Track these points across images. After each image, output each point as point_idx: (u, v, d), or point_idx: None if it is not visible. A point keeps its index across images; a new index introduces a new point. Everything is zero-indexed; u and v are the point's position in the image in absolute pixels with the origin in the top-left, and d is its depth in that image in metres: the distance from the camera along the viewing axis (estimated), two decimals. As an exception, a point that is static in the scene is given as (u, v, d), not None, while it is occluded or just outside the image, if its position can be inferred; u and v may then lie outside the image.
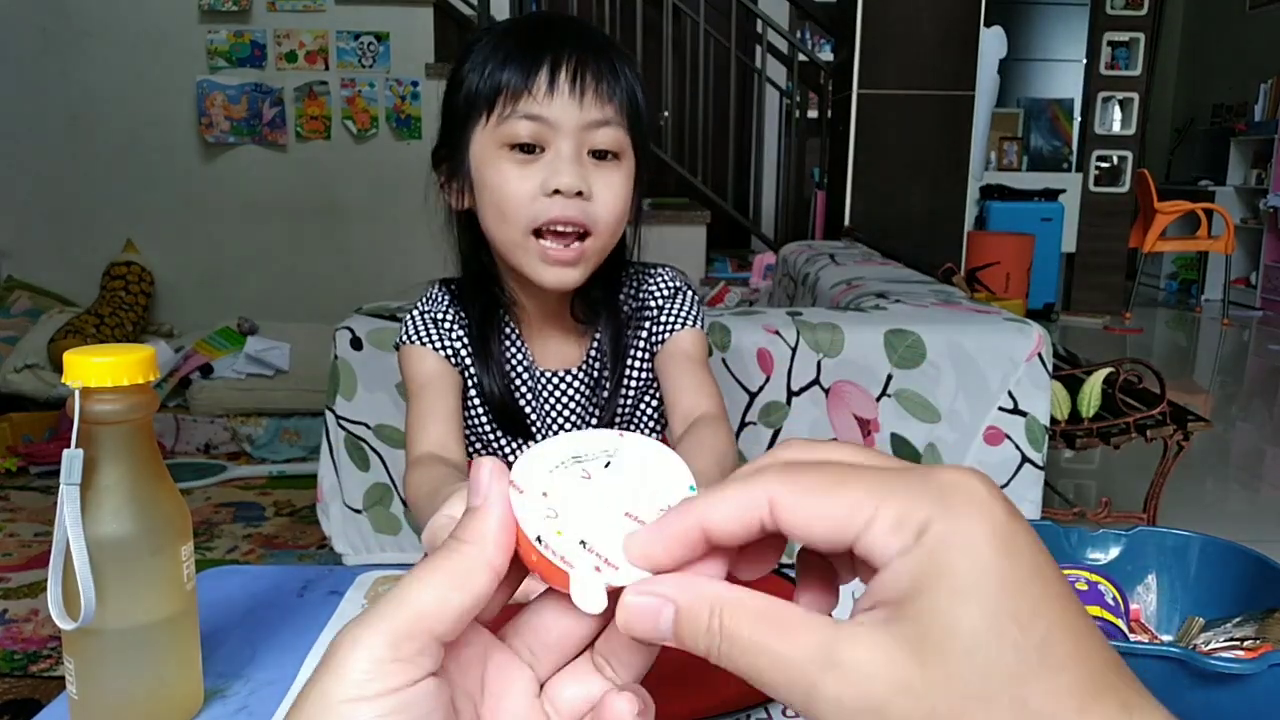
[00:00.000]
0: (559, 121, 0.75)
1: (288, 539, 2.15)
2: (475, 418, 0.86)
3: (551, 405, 0.86)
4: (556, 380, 0.86)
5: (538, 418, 0.86)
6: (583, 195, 0.75)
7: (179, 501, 0.52)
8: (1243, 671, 0.49)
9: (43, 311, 3.11)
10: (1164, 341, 5.18)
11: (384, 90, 3.25)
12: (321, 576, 0.71)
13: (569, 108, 0.75)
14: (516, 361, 0.86)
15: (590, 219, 0.77)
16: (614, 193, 0.77)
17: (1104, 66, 5.53)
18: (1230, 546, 0.66)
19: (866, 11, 3.30)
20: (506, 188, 0.76)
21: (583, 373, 0.86)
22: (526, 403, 0.85)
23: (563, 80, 0.74)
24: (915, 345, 1.42)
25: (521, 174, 0.75)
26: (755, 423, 1.45)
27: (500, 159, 0.76)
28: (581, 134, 0.76)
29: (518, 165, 0.76)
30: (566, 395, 0.86)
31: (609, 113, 0.76)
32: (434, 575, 0.26)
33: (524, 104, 0.74)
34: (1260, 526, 2.42)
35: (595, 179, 0.76)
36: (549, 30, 0.78)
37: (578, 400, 0.86)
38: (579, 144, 0.76)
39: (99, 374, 0.48)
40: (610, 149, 0.77)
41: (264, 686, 0.57)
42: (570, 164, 0.75)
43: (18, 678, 1.57)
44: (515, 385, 0.85)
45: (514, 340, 0.86)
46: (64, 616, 0.48)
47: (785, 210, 4.39)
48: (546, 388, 0.86)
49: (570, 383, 0.86)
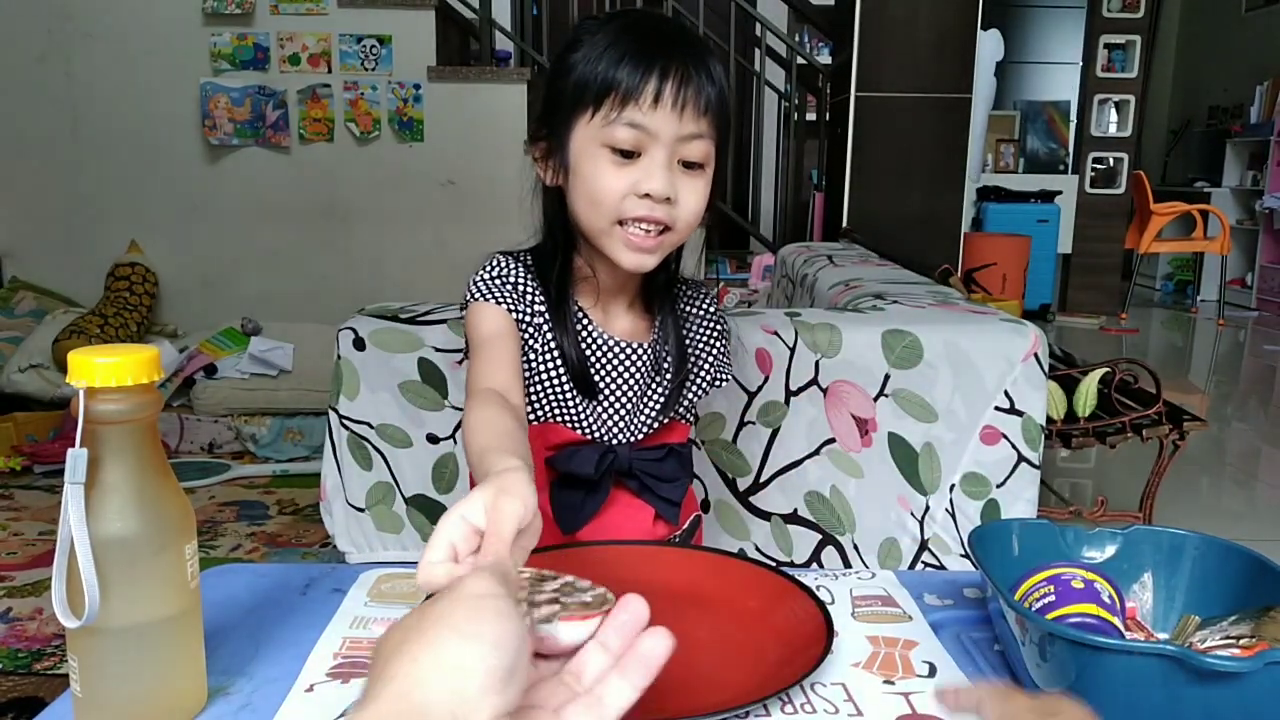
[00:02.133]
0: (658, 131, 0.81)
1: (291, 538, 2.15)
2: (551, 378, 0.90)
3: (619, 371, 0.92)
4: (625, 348, 0.92)
5: (605, 381, 0.91)
6: (670, 200, 0.82)
7: (183, 500, 0.53)
8: (1238, 670, 0.50)
9: (47, 312, 3.12)
10: (1160, 342, 5.18)
11: (386, 93, 3.25)
12: (324, 575, 0.72)
13: (669, 120, 0.81)
14: (583, 328, 0.91)
15: (672, 219, 0.84)
16: (696, 198, 0.84)
17: (1100, 69, 5.53)
18: (1226, 545, 0.67)
19: (864, 15, 3.31)
20: (602, 182, 0.82)
21: (648, 350, 0.93)
22: (597, 366, 0.91)
23: (667, 93, 0.80)
24: (913, 345, 1.43)
25: (617, 173, 0.82)
26: (754, 422, 1.46)
27: (600, 156, 0.82)
28: (676, 144, 0.82)
29: (615, 165, 0.82)
30: (633, 364, 0.92)
31: (702, 126, 0.82)
32: None
33: (629, 111, 0.80)
34: (1255, 525, 2.42)
35: (682, 185, 0.83)
36: (660, 38, 0.83)
37: (643, 370, 0.92)
38: (672, 153, 0.82)
39: (103, 374, 0.48)
40: (698, 161, 0.84)
41: (267, 684, 0.57)
42: (663, 171, 0.81)
43: (22, 675, 1.58)
44: (587, 349, 0.91)
45: (580, 314, 0.92)
46: (68, 615, 0.49)
47: (784, 212, 4.39)
48: (614, 353, 0.92)
49: (638, 352, 0.92)
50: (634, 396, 0.92)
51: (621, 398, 0.91)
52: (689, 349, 0.95)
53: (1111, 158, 5.64)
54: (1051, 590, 0.61)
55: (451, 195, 3.30)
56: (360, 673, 0.58)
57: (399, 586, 0.70)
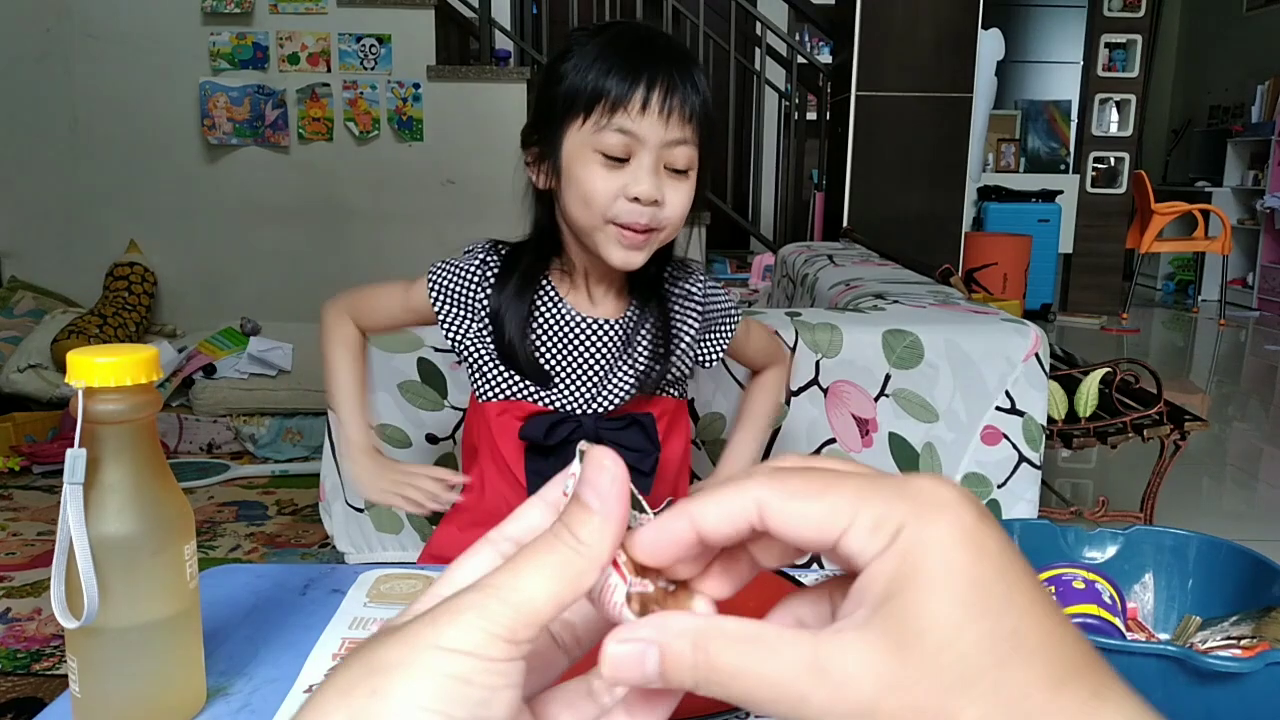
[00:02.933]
0: (646, 137, 0.86)
1: (290, 538, 2.15)
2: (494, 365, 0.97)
3: (584, 346, 0.96)
4: (592, 324, 0.96)
5: (570, 356, 0.96)
6: (657, 203, 0.88)
7: (182, 501, 0.53)
8: (1239, 670, 0.50)
9: (46, 312, 3.12)
10: (1161, 342, 5.18)
11: (385, 92, 3.25)
12: (324, 575, 0.72)
13: (656, 126, 0.86)
14: (545, 312, 0.96)
15: (658, 222, 0.89)
16: (681, 200, 0.90)
17: (1101, 68, 5.53)
18: (1227, 545, 0.66)
19: (865, 14, 3.31)
20: (593, 185, 0.87)
21: (616, 325, 0.97)
22: (549, 341, 0.96)
23: (654, 101, 0.85)
24: (913, 345, 1.43)
25: (607, 177, 0.87)
26: (754, 423, 1.46)
27: (591, 161, 0.87)
28: (662, 150, 0.87)
29: (605, 169, 0.87)
30: (599, 339, 0.96)
31: (687, 133, 0.88)
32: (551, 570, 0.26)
33: (618, 117, 0.86)
34: (1257, 525, 2.42)
35: (668, 188, 0.89)
36: (648, 49, 0.88)
37: (611, 345, 0.96)
38: (659, 159, 0.87)
39: (102, 374, 0.48)
40: (683, 167, 0.89)
41: (266, 685, 0.57)
42: (650, 175, 0.87)
43: (21, 676, 1.58)
44: (535, 333, 0.96)
45: (549, 296, 0.97)
46: (67, 615, 0.49)
47: (784, 211, 4.39)
48: (580, 329, 0.96)
49: (605, 327, 0.96)
50: (602, 370, 0.96)
51: (587, 370, 0.96)
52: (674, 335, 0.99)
53: (1112, 157, 5.64)
54: (1052, 591, 0.61)
55: (451, 195, 3.30)
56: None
57: (398, 587, 0.70)
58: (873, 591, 0.24)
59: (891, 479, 0.26)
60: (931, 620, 0.23)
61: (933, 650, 0.23)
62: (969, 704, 0.23)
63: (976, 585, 0.24)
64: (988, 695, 0.23)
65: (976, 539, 0.24)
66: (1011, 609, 0.24)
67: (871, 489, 0.26)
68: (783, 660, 0.24)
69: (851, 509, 0.25)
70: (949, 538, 0.24)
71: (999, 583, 0.24)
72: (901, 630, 0.23)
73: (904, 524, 0.24)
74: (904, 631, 0.23)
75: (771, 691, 0.24)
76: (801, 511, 0.26)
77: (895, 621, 0.24)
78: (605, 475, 0.27)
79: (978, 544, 0.24)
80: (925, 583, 0.24)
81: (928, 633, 0.23)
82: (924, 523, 0.24)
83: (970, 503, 0.25)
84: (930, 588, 0.24)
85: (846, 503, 0.25)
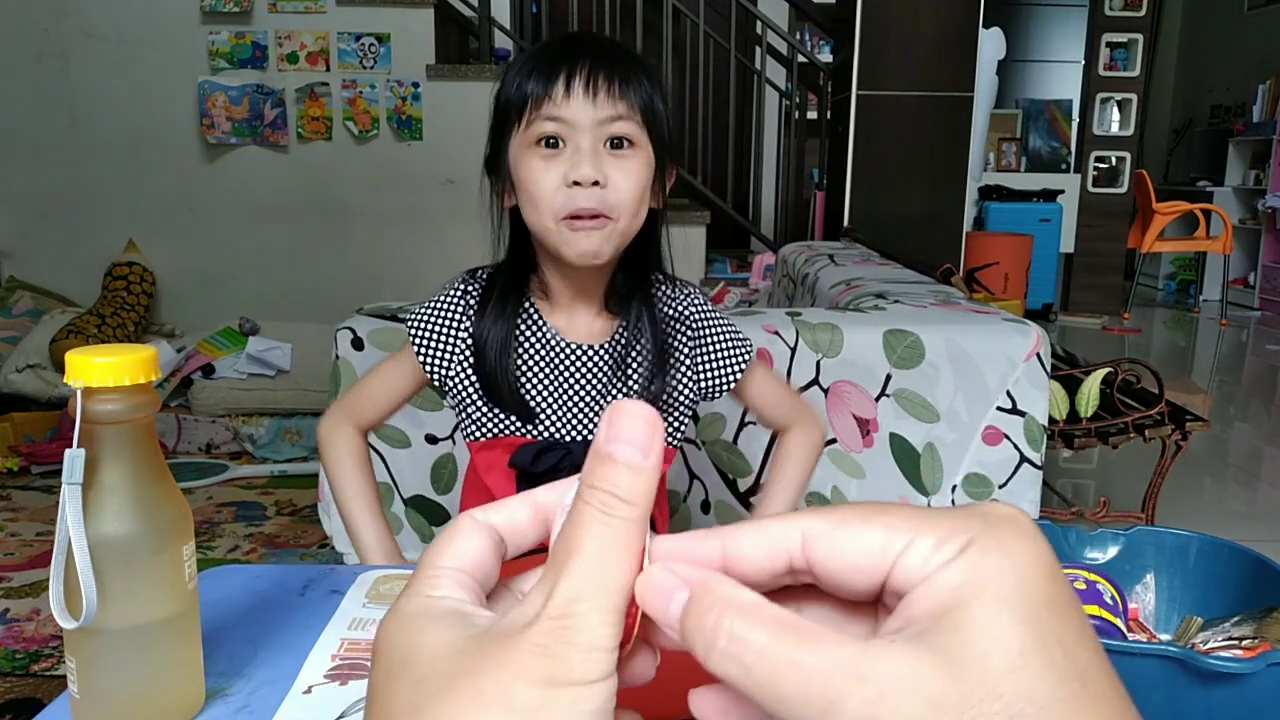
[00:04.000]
0: (576, 120, 0.85)
1: (289, 538, 2.15)
2: (476, 404, 0.94)
3: (571, 374, 0.93)
4: (578, 351, 0.93)
5: (546, 393, 0.93)
6: (600, 185, 0.85)
7: (181, 501, 0.52)
8: (1241, 671, 0.50)
9: (44, 312, 3.12)
10: (1162, 342, 5.18)
11: (385, 91, 3.25)
12: (323, 575, 0.71)
13: (584, 108, 0.85)
14: (530, 336, 0.94)
15: (608, 206, 0.86)
16: (629, 180, 0.87)
17: (1102, 67, 5.53)
18: (1228, 546, 0.66)
19: (866, 13, 3.31)
20: (535, 181, 0.86)
21: (604, 350, 0.94)
22: (533, 368, 0.94)
23: (578, 84, 0.85)
24: (914, 345, 1.43)
25: (546, 167, 0.86)
26: (754, 423, 1.45)
27: (530, 156, 0.87)
28: (597, 129, 0.86)
29: (543, 160, 0.86)
30: (586, 367, 0.94)
31: (621, 109, 0.86)
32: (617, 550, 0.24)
33: (546, 108, 0.85)
34: (1258, 526, 2.42)
35: (612, 168, 0.86)
36: (568, 45, 0.89)
37: (600, 371, 0.94)
38: (595, 139, 0.86)
39: (101, 374, 0.48)
40: (625, 137, 0.87)
41: (265, 685, 0.57)
42: (588, 157, 0.85)
43: (19, 677, 1.58)
44: (520, 360, 0.93)
45: (533, 319, 0.94)
46: (66, 616, 0.49)
47: (785, 211, 4.39)
48: (566, 356, 0.93)
49: (592, 354, 0.94)
50: (591, 398, 0.93)
51: (575, 400, 0.93)
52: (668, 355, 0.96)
53: (1114, 156, 5.64)
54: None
55: (450, 194, 3.30)
56: (359, 674, 0.58)
57: (398, 588, 0.70)
58: (932, 602, 0.22)
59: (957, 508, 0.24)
60: (998, 641, 0.21)
61: (995, 674, 0.21)
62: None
63: (1054, 611, 0.21)
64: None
65: (1051, 565, 0.22)
66: (1084, 646, 0.21)
67: (933, 513, 0.24)
68: (821, 656, 0.22)
69: (912, 528, 0.23)
70: (1024, 556, 0.22)
71: (1074, 615, 0.22)
72: (963, 647, 0.21)
73: (976, 536, 0.22)
74: (965, 648, 0.21)
75: (800, 686, 0.22)
76: (855, 536, 0.23)
77: (956, 636, 0.21)
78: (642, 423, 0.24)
79: (1053, 570, 0.22)
80: (995, 597, 0.21)
81: (991, 654, 0.21)
82: (999, 535, 0.22)
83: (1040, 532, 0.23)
84: (1000, 604, 0.21)
85: (906, 524, 0.23)
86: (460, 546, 0.27)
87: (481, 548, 0.27)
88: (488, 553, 0.27)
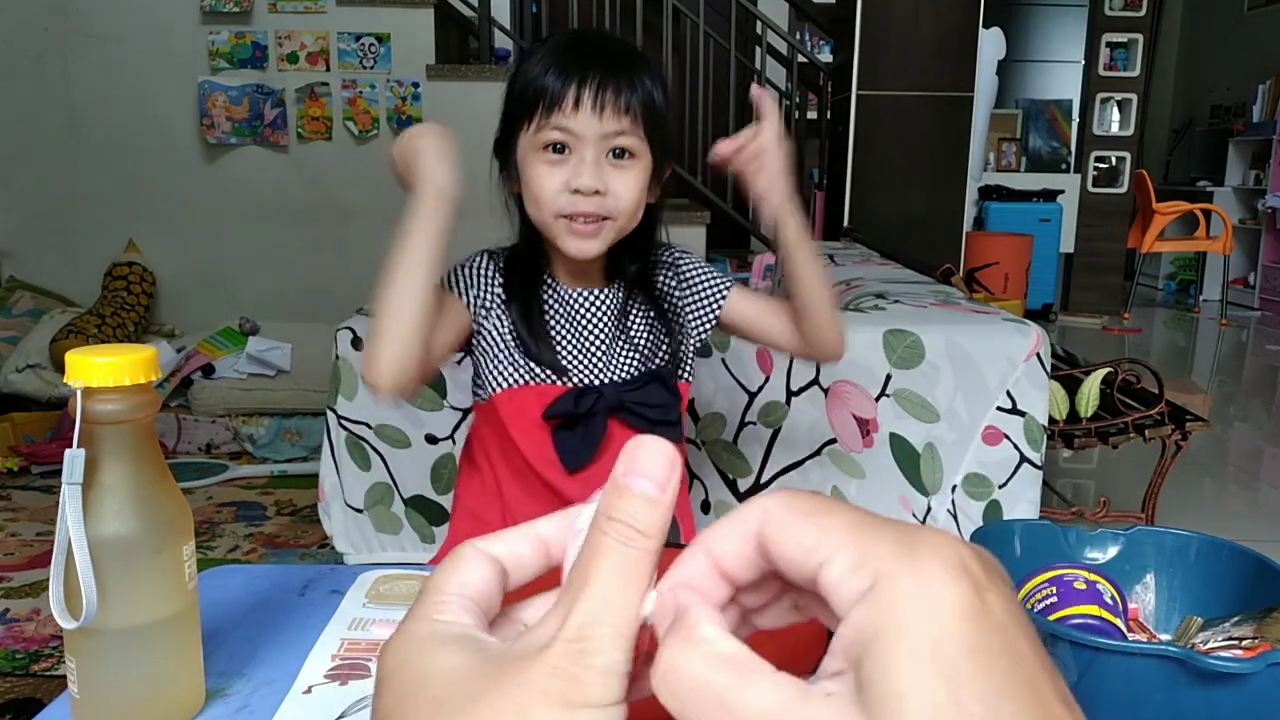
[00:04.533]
0: (582, 132, 0.90)
1: (289, 538, 2.15)
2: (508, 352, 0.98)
3: (584, 317, 1.00)
4: (586, 296, 1.00)
5: (574, 329, 0.99)
6: (600, 193, 0.91)
7: (180, 501, 0.52)
8: (1241, 671, 0.50)
9: (44, 312, 3.12)
10: (1162, 342, 5.18)
11: (385, 91, 3.25)
12: (323, 576, 0.71)
13: (590, 121, 0.90)
14: (550, 297, 1.00)
15: (607, 210, 0.92)
16: (629, 187, 0.93)
17: (1102, 67, 5.53)
18: (1228, 546, 0.66)
19: (865, 13, 3.31)
20: (540, 183, 0.92)
21: (606, 295, 1.00)
22: (557, 324, 0.99)
23: (586, 97, 0.89)
24: (914, 345, 1.43)
25: (551, 172, 0.92)
26: (755, 423, 1.45)
27: (537, 159, 0.92)
28: (601, 142, 0.91)
29: (549, 165, 0.92)
30: (595, 309, 1.00)
31: (625, 123, 0.91)
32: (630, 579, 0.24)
33: (555, 117, 0.90)
34: (1258, 526, 2.42)
35: (613, 177, 0.92)
36: (584, 49, 0.93)
37: (609, 314, 1.00)
38: (599, 150, 0.91)
39: (101, 374, 0.48)
40: (627, 149, 0.92)
41: (265, 685, 0.57)
42: (590, 168, 0.90)
43: (20, 677, 1.58)
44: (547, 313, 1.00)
45: (550, 284, 1.01)
46: (66, 616, 0.49)
47: (785, 211, 4.38)
48: (577, 302, 1.00)
49: (598, 297, 1.00)
50: (604, 346, 0.99)
51: (592, 348, 0.99)
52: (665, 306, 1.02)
53: (1114, 156, 5.64)
54: (1054, 591, 0.61)
55: (451, 194, 3.30)
56: (359, 674, 0.58)
57: (398, 588, 0.70)
58: (853, 646, 0.21)
59: (896, 525, 0.23)
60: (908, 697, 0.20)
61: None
62: None
63: (974, 660, 0.20)
64: None
65: (977, 606, 0.21)
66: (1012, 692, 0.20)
67: (870, 527, 0.23)
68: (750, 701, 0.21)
69: (837, 540, 0.22)
70: (945, 598, 0.21)
71: (999, 662, 0.20)
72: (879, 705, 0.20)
73: (889, 568, 0.21)
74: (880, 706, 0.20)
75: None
76: (794, 530, 0.23)
77: (873, 693, 0.20)
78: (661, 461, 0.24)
79: (978, 612, 0.21)
80: (910, 647, 0.20)
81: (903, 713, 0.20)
82: (913, 570, 0.21)
83: (977, 562, 0.22)
84: (915, 654, 0.20)
85: (837, 532, 0.23)
86: (466, 575, 0.27)
87: (485, 576, 0.27)
88: (491, 581, 0.27)
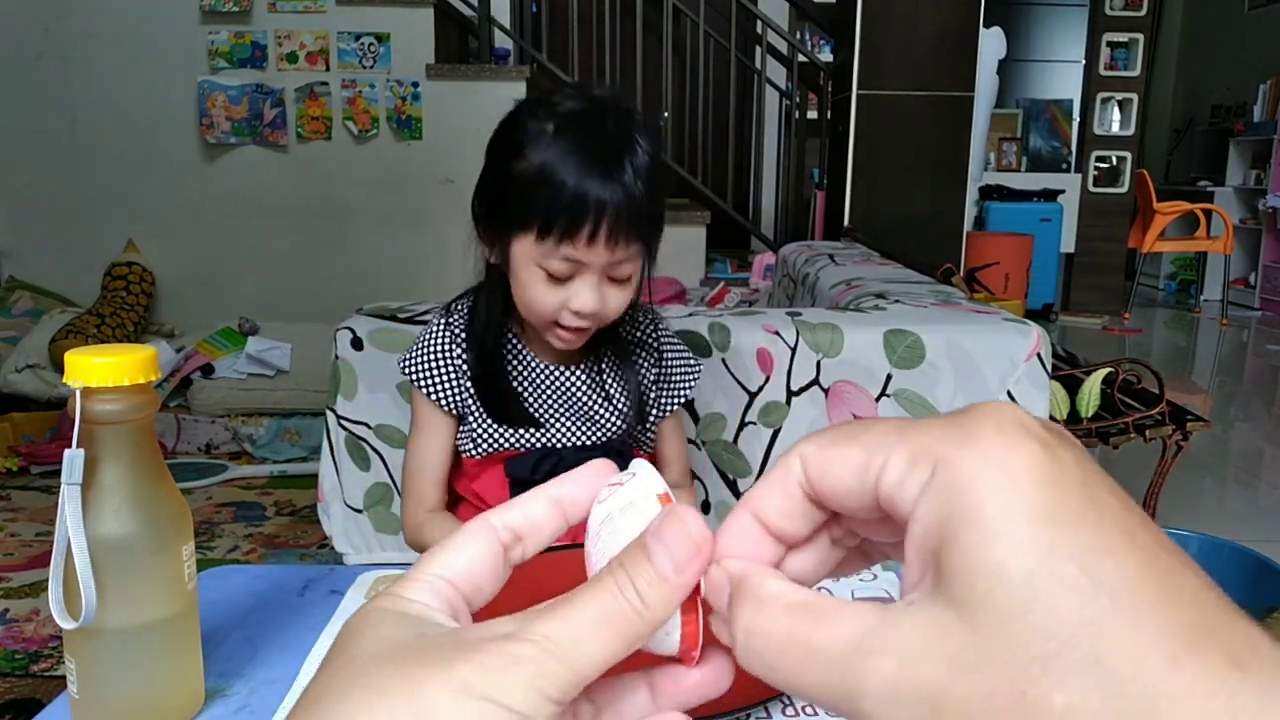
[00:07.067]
0: (591, 262, 0.89)
1: (288, 538, 2.15)
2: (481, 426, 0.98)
3: (553, 397, 0.99)
4: (560, 372, 0.99)
5: (543, 408, 0.99)
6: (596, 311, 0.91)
7: (180, 501, 0.52)
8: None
9: (44, 312, 3.11)
10: (1163, 342, 5.18)
11: (384, 91, 3.25)
12: (322, 576, 0.71)
13: (600, 254, 0.88)
14: (516, 366, 0.99)
15: (598, 322, 0.93)
16: (621, 300, 0.93)
17: (1103, 67, 5.53)
18: (1229, 546, 0.66)
19: (866, 12, 3.30)
20: (536, 295, 0.91)
21: (582, 371, 1.00)
22: (525, 394, 0.99)
23: (602, 233, 0.87)
24: (915, 345, 1.42)
25: (549, 290, 0.90)
26: (755, 423, 1.45)
27: (536, 274, 0.90)
28: (605, 268, 0.90)
29: (548, 284, 0.90)
30: (570, 385, 0.99)
31: (630, 251, 0.90)
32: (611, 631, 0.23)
33: (565, 248, 0.88)
34: (1259, 526, 2.42)
35: (609, 294, 0.92)
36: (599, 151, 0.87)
37: (584, 390, 1.00)
38: (602, 275, 0.90)
39: (100, 374, 0.48)
40: (626, 278, 0.92)
41: (265, 686, 0.57)
42: (592, 291, 0.90)
43: (19, 677, 1.57)
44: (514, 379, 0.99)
45: (515, 349, 1.00)
46: (65, 616, 0.49)
47: (785, 210, 4.39)
48: (549, 379, 0.99)
49: (573, 373, 0.99)
50: (579, 407, 0.99)
51: (563, 411, 0.99)
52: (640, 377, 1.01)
53: (1114, 156, 5.64)
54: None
55: (450, 194, 3.30)
56: (358, 675, 0.58)
57: (398, 587, 0.70)
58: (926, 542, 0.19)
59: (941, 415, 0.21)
60: (998, 577, 0.18)
61: (1006, 616, 0.18)
62: (1056, 685, 0.17)
63: (1055, 523, 0.18)
64: (1083, 671, 0.17)
65: (1049, 465, 0.19)
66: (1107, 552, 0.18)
67: (915, 423, 0.21)
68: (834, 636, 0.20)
69: (887, 447, 0.21)
70: (1004, 458, 0.19)
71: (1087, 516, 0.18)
72: (966, 592, 0.18)
73: (945, 452, 0.20)
74: (969, 593, 0.18)
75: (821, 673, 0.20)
76: (839, 457, 0.22)
77: (957, 582, 0.18)
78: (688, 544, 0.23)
79: (1051, 472, 0.19)
80: (984, 525, 0.18)
81: (996, 593, 0.18)
82: (970, 443, 0.19)
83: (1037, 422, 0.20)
84: (990, 531, 0.18)
85: (884, 439, 0.21)
86: (452, 556, 0.27)
87: (475, 558, 0.27)
88: (482, 563, 0.27)
